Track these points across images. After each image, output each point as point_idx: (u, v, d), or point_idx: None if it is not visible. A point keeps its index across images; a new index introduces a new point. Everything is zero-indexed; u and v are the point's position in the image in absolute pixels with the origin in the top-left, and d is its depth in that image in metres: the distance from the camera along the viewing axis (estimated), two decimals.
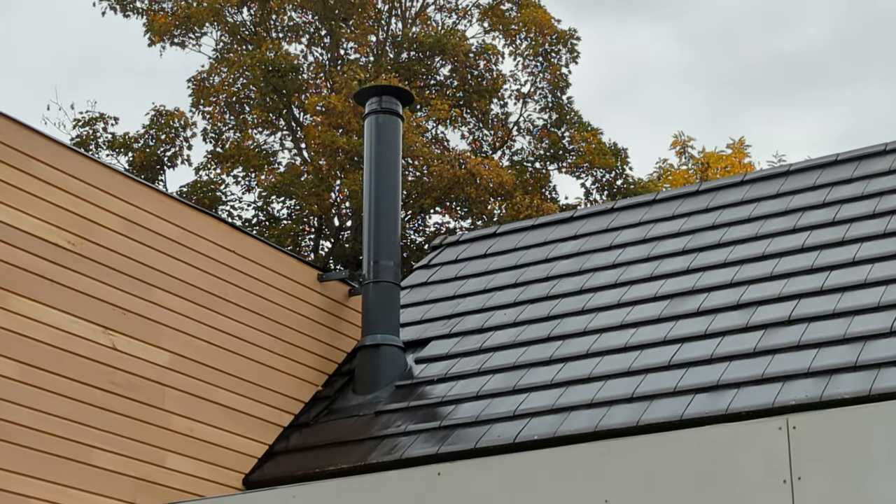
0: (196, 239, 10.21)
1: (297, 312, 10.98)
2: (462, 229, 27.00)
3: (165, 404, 9.62)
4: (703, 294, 10.30)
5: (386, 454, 9.72)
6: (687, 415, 8.69)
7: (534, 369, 10.17)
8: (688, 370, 9.26)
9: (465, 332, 11.24)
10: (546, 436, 9.12)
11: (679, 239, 11.48)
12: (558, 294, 11.29)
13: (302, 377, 10.89)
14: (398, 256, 11.39)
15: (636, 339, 9.97)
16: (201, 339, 10.04)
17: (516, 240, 12.82)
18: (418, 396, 10.48)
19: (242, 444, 10.15)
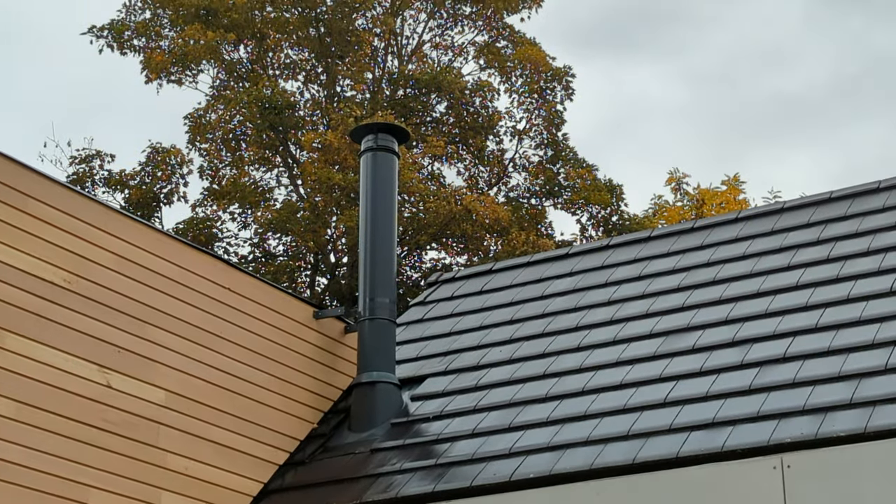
0: (191, 276, 10.22)
1: (293, 349, 10.97)
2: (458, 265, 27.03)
3: (161, 442, 9.60)
4: (698, 331, 10.31)
5: (381, 492, 9.70)
6: (683, 452, 8.66)
7: (529, 406, 10.16)
8: (683, 408, 9.25)
9: (461, 369, 11.23)
10: (542, 473, 9.10)
11: (674, 276, 11.50)
12: (554, 331, 11.30)
13: (297, 415, 10.87)
14: (394, 293, 11.39)
15: (631, 377, 9.97)
16: (196, 376, 10.03)
17: (512, 276, 12.83)
18: (414, 434, 10.46)
19: (238, 483, 10.12)
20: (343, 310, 11.64)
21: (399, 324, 12.31)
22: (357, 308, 11.35)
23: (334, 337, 11.47)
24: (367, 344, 11.11)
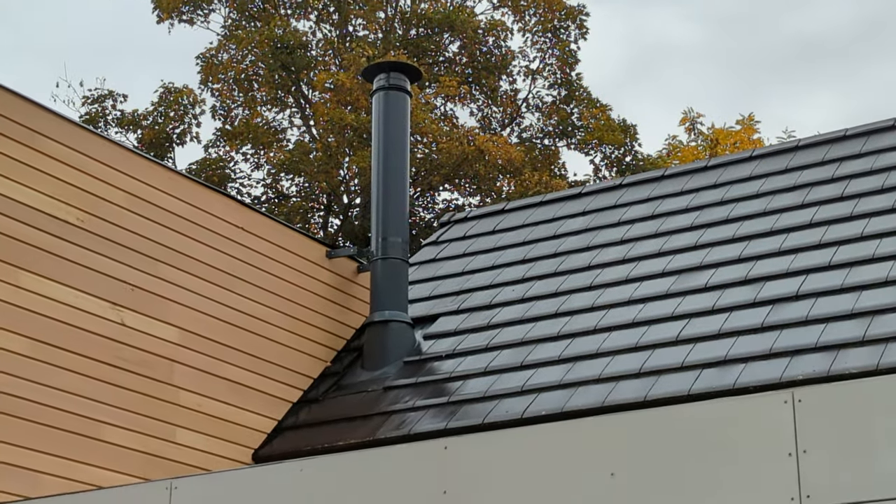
0: (205, 215, 10.24)
1: (306, 289, 11.02)
2: (470, 206, 27.01)
3: (174, 380, 9.67)
4: (711, 269, 10.32)
5: (394, 429, 9.77)
6: (694, 390, 8.71)
7: (542, 345, 10.20)
8: (695, 345, 9.28)
9: (474, 308, 11.27)
10: (554, 411, 9.16)
11: (687, 215, 11.49)
12: (566, 270, 11.32)
13: (311, 353, 10.94)
14: (406, 233, 11.40)
15: (644, 315, 10.00)
16: (210, 315, 10.09)
17: (524, 216, 12.84)
18: (426, 372, 10.52)
19: (251, 420, 10.20)
20: (356, 250, 11.68)
21: (411, 263, 12.34)
22: (370, 248, 11.38)
23: (347, 276, 11.51)
24: (379, 283, 11.15)
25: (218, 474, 6.96)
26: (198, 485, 6.81)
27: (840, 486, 5.20)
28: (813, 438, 5.30)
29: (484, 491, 5.91)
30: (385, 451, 6.46)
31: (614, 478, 5.64)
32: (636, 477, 5.60)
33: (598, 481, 5.66)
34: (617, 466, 5.64)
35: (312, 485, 6.40)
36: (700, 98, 46.92)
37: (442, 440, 6.17)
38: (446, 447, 6.10)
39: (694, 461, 5.49)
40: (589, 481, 5.69)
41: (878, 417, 5.22)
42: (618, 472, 5.63)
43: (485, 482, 5.93)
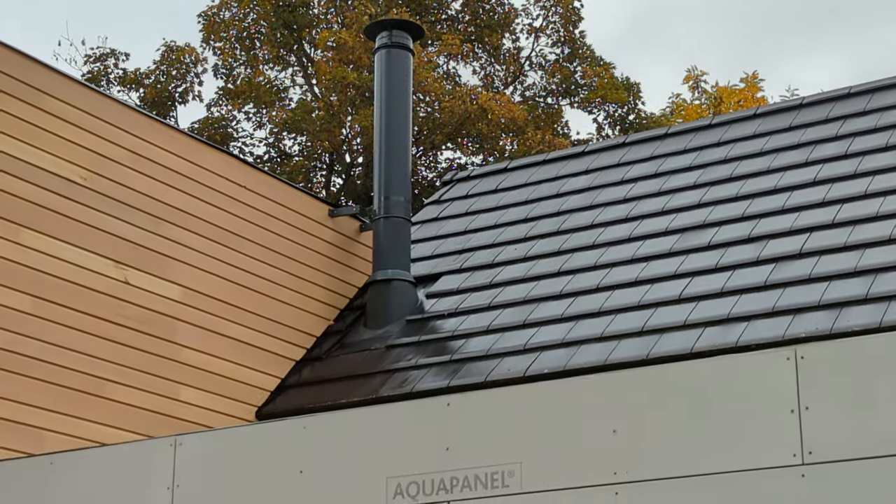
0: (207, 174, 10.24)
1: (309, 248, 11.03)
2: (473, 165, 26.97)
3: (178, 338, 9.70)
4: (715, 228, 10.32)
5: (397, 387, 9.81)
6: (697, 348, 8.74)
7: (544, 303, 10.22)
8: (698, 304, 9.30)
9: (476, 266, 11.29)
10: (556, 369, 9.19)
11: (691, 173, 11.48)
12: (569, 228, 11.32)
13: (314, 312, 10.96)
14: (409, 192, 11.41)
15: (647, 273, 10.01)
16: (213, 273, 10.10)
17: (527, 175, 12.83)
18: (429, 330, 10.55)
19: (255, 378, 10.24)
20: (358, 208, 11.68)
21: (414, 222, 12.35)
22: (372, 207, 11.38)
23: (350, 235, 11.52)
24: (382, 242, 11.16)
25: (222, 431, 7.01)
26: (202, 441, 6.85)
27: (842, 442, 5.22)
28: (815, 395, 5.32)
29: (486, 447, 5.94)
30: (388, 409, 6.49)
31: (616, 435, 5.66)
32: (638, 434, 5.62)
33: (600, 438, 5.69)
34: (619, 423, 5.67)
35: (315, 442, 6.43)
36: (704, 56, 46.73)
37: (444, 397, 6.19)
38: (449, 404, 6.13)
39: (696, 418, 5.52)
40: (591, 438, 5.71)
41: (880, 375, 5.24)
42: (620, 428, 5.66)
43: (487, 439, 5.96)
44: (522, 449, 5.85)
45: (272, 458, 6.48)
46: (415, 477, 6.03)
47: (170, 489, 6.68)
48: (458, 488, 5.93)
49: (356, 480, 6.18)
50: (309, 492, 6.29)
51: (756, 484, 5.30)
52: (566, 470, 5.71)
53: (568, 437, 5.77)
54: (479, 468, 5.91)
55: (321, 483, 6.28)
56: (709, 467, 5.42)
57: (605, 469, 5.62)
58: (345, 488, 6.20)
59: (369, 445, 6.25)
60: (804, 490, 5.21)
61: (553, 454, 5.77)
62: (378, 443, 6.23)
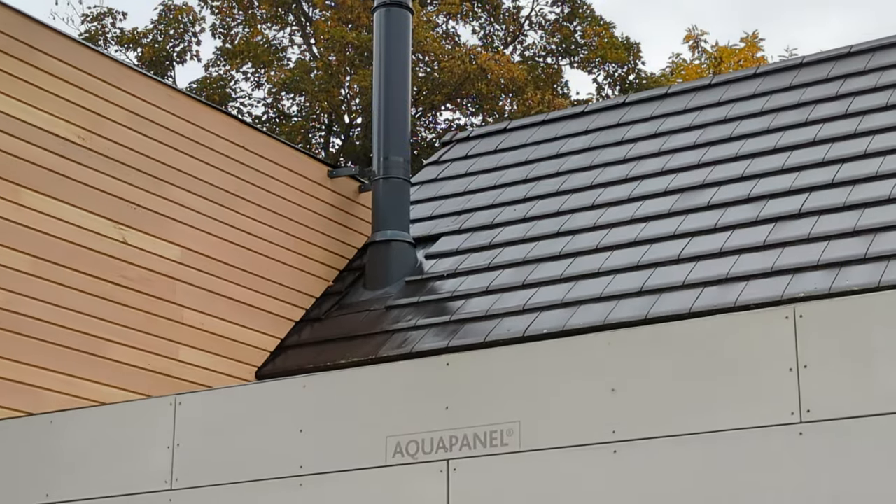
0: (206, 134, 10.23)
1: (308, 208, 11.03)
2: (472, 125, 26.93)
3: (177, 298, 9.72)
4: (714, 188, 10.32)
5: (396, 348, 9.84)
6: (696, 308, 8.76)
7: (543, 264, 10.23)
8: (697, 264, 9.31)
9: (475, 227, 11.29)
10: (555, 329, 9.21)
11: (690, 133, 11.47)
12: (568, 189, 11.32)
13: (313, 272, 10.98)
14: (408, 152, 11.41)
15: (646, 234, 10.02)
16: (212, 234, 10.11)
17: (527, 135, 12.82)
18: (428, 291, 10.56)
19: (254, 338, 10.27)
20: (357, 169, 11.67)
21: (413, 183, 12.34)
22: (371, 167, 11.38)
23: (349, 196, 11.52)
24: (381, 203, 11.16)
25: (222, 390, 7.03)
26: (202, 400, 6.87)
27: (840, 400, 5.25)
28: (814, 354, 5.34)
29: (485, 407, 5.96)
30: (387, 368, 6.51)
31: (615, 393, 5.68)
32: (637, 393, 5.64)
33: (598, 397, 5.71)
34: (618, 382, 5.69)
35: (315, 401, 6.46)
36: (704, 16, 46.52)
37: (444, 357, 6.21)
38: (448, 364, 6.15)
39: (695, 377, 5.54)
40: (589, 397, 5.73)
41: (878, 333, 5.26)
42: (619, 388, 5.68)
43: (486, 398, 5.98)
44: (521, 408, 5.87)
45: (272, 418, 6.51)
46: (414, 436, 6.06)
47: (170, 448, 6.71)
48: (458, 447, 5.95)
49: (356, 439, 6.21)
50: (309, 451, 6.32)
51: (754, 442, 5.33)
52: (565, 428, 5.74)
53: (567, 397, 5.79)
54: (478, 427, 5.94)
55: (321, 442, 6.31)
56: (707, 426, 5.44)
57: (604, 428, 5.64)
58: (344, 447, 6.23)
59: (369, 405, 6.27)
60: (802, 448, 5.24)
61: (552, 413, 5.79)
62: (377, 402, 6.26)
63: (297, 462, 6.32)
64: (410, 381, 6.25)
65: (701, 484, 5.39)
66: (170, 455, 6.70)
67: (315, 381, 6.58)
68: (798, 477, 5.21)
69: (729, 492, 5.32)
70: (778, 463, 5.26)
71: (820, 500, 5.16)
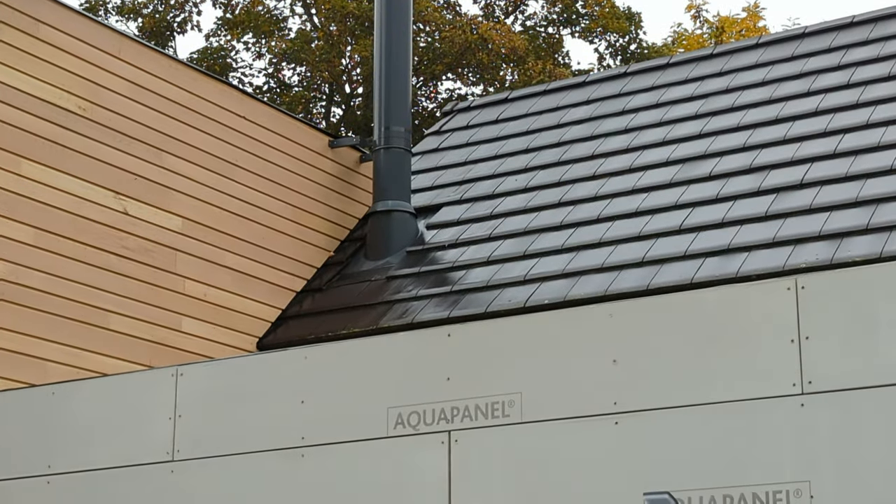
0: (207, 104, 10.20)
1: (309, 179, 11.01)
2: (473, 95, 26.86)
3: (178, 269, 9.71)
4: (716, 158, 10.30)
5: (397, 318, 9.83)
6: (697, 278, 8.75)
7: (545, 234, 10.22)
8: (699, 234, 9.30)
9: (477, 197, 11.28)
10: (557, 300, 9.21)
11: (692, 103, 11.44)
12: (570, 159, 11.30)
13: (314, 243, 10.97)
14: (409, 122, 11.38)
15: (648, 204, 10.00)
16: (213, 204, 10.09)
17: (528, 105, 12.79)
18: (429, 262, 10.56)
19: (256, 309, 10.26)
20: (358, 139, 11.65)
21: (414, 153, 12.32)
22: (372, 137, 11.35)
23: (350, 166, 11.50)
24: (382, 173, 11.14)
25: (224, 361, 7.03)
26: (204, 371, 6.88)
27: (841, 372, 5.24)
28: (815, 325, 5.33)
29: (487, 378, 5.96)
30: (388, 339, 6.51)
31: (616, 365, 5.68)
32: (638, 364, 5.64)
33: (600, 368, 5.71)
34: (619, 353, 5.69)
35: (317, 372, 6.46)
36: None
37: (445, 328, 6.21)
38: (449, 335, 6.14)
39: (696, 348, 5.53)
40: (591, 368, 5.73)
41: (880, 304, 5.25)
42: (620, 359, 5.68)
43: (487, 369, 5.98)
44: (523, 379, 5.87)
45: (273, 389, 6.52)
46: (415, 407, 6.06)
47: (171, 419, 6.71)
48: (459, 418, 5.96)
49: (357, 410, 6.21)
50: (310, 422, 6.32)
51: (756, 413, 5.33)
52: (566, 400, 5.74)
53: (568, 368, 5.79)
54: (479, 398, 5.94)
55: (322, 413, 6.31)
56: (709, 397, 5.44)
57: (606, 399, 5.64)
58: (346, 418, 6.23)
59: (370, 376, 6.27)
60: (804, 419, 5.23)
61: (553, 384, 5.79)
62: (379, 373, 6.26)
63: (298, 433, 6.33)
64: (412, 352, 6.25)
65: (702, 456, 5.39)
66: (171, 426, 6.71)
67: (316, 352, 6.58)
68: (799, 448, 5.21)
69: (730, 463, 5.32)
70: (779, 435, 5.26)
71: (822, 471, 5.16)
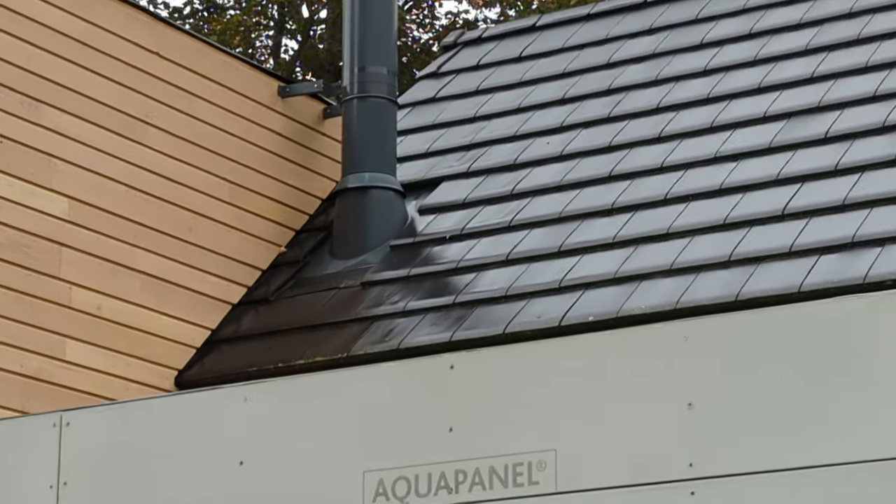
0: (104, 36, 10.20)
1: (250, 142, 11.02)
2: (486, 22, 26.91)
3: (63, 272, 9.71)
4: (835, 111, 10.36)
5: (377, 342, 9.85)
6: (808, 285, 8.76)
7: (588, 221, 10.24)
8: (810, 221, 9.33)
9: (491, 168, 11.29)
10: (605, 316, 9.22)
11: (802, 32, 11.50)
12: (625, 114, 11.32)
13: (257, 234, 10.97)
14: (394, 61, 11.39)
15: (737, 178, 10.04)
16: (113, 179, 10.10)
17: (565, 36, 12.80)
18: (423, 261, 10.57)
19: (174, 329, 10.27)
20: (321, 85, 11.66)
21: (402, 105, 12.33)
22: (341, 82, 11.36)
23: (309, 123, 11.51)
24: (355, 133, 11.16)
25: (127, 405, 7.05)
26: (99, 419, 6.89)
27: None
28: None
29: (505, 429, 5.98)
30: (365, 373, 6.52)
31: (693, 410, 5.70)
32: (724, 409, 5.65)
33: (669, 415, 5.72)
34: (697, 394, 5.70)
35: (262, 420, 6.47)
36: None
37: (446, 356, 6.22)
38: (453, 366, 6.15)
39: (807, 387, 5.55)
40: (656, 415, 5.75)
41: None
42: (698, 402, 5.69)
43: (506, 416, 5.99)
44: (557, 431, 5.89)
45: (199, 444, 6.53)
46: (404, 470, 6.09)
47: (53, 488, 6.73)
48: (466, 486, 5.98)
49: (321, 475, 6.24)
50: (253, 492, 6.34)
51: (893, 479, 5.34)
52: (619, 461, 5.75)
53: (622, 415, 5.80)
54: (495, 458, 5.96)
55: (271, 480, 6.33)
56: (828, 457, 5.45)
57: (677, 459, 5.66)
58: (304, 486, 6.25)
59: (339, 426, 6.29)
60: None
61: (600, 439, 5.81)
62: (352, 422, 6.27)
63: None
64: (399, 391, 6.25)
65: None
66: (54, 496, 6.71)
67: (261, 392, 6.58)
68: None
69: None
70: None
71: None
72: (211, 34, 26.17)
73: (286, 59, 27.60)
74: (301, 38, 27.64)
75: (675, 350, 5.82)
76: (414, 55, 27.00)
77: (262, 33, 28.10)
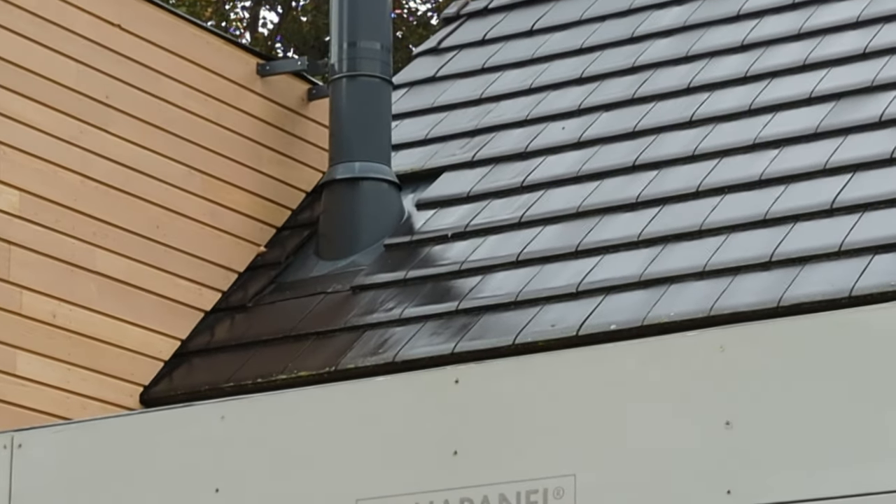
0: (59, 7, 10.23)
1: (225, 127, 11.05)
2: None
3: (12, 275, 9.73)
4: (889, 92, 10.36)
5: (370, 354, 9.87)
6: (860, 288, 8.77)
7: (611, 217, 10.26)
8: (863, 215, 9.34)
9: (499, 157, 11.31)
10: (630, 324, 9.24)
11: (851, 3, 11.46)
12: (653, 94, 11.34)
13: (233, 232, 11.00)
14: (389, 35, 11.43)
15: (779, 167, 10.07)
16: (70, 169, 10.12)
17: (583, 6, 12.82)
18: (422, 262, 10.59)
19: (139, 339, 10.29)
20: (305, 62, 11.68)
21: (397, 85, 12.36)
22: (328, 59, 11.38)
23: (291, 106, 11.54)
24: (344, 117, 11.19)
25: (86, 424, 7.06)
26: (54, 441, 6.90)
27: None
28: None
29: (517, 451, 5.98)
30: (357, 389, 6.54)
31: (731, 430, 5.71)
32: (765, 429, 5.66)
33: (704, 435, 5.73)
34: (735, 412, 5.71)
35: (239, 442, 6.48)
36: None
37: (450, 370, 6.23)
38: (457, 381, 6.17)
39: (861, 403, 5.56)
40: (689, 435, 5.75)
41: None
42: (737, 420, 5.70)
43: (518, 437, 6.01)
44: (576, 454, 5.90)
45: (168, 469, 6.54)
46: (402, 499, 6.10)
47: None
48: None
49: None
50: None
51: None
52: (647, 486, 5.76)
53: (649, 435, 5.81)
54: (505, 484, 5.97)
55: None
56: (879, 482, 5.46)
57: (713, 483, 5.67)
58: None
59: (328, 448, 6.30)
60: None
61: (625, 462, 5.82)
62: (342, 444, 6.28)
63: None
64: (396, 408, 6.27)
65: None
66: None
67: (238, 410, 6.60)
68: None
69: None
70: None
71: None
72: (180, 5, 26.20)
73: (265, 34, 27.63)
74: (282, 9, 27.67)
75: (709, 362, 5.83)
76: (411, 28, 27.03)
77: (238, 4, 28.13)
